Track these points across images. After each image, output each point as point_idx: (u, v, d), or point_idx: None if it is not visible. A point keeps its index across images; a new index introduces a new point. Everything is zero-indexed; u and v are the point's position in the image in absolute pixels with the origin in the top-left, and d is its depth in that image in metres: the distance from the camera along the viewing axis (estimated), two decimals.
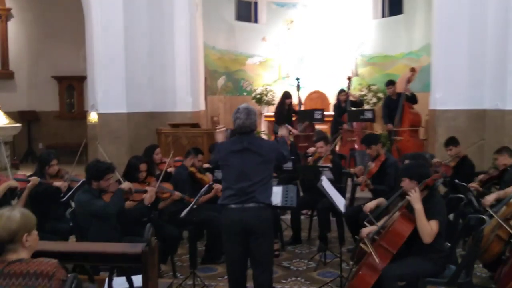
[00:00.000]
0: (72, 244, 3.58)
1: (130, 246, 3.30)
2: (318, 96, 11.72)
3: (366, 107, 10.40)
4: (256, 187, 3.54)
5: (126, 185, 4.38)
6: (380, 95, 11.25)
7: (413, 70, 8.38)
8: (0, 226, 2.38)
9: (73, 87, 11.00)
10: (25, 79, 11.07)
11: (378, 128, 10.04)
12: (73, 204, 4.64)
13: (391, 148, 8.03)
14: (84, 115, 10.44)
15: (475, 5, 7.29)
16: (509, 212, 4.31)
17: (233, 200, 3.56)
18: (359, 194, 6.19)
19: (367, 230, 3.92)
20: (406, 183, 3.70)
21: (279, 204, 4.28)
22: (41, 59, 10.86)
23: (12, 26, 10.96)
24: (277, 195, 4.38)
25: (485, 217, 3.73)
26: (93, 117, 7.92)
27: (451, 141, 5.85)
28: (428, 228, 3.47)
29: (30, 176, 4.85)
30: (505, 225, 3.97)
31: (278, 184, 5.35)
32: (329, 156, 5.85)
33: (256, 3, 12.31)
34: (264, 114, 11.03)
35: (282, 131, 4.48)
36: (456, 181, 4.98)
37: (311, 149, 6.19)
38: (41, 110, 11.00)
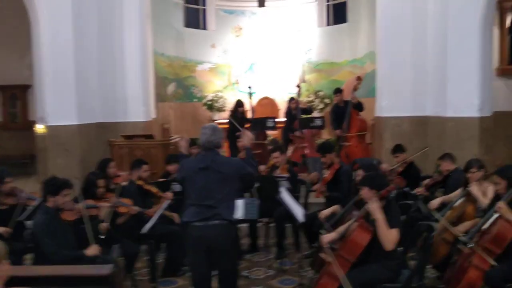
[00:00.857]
0: (39, 268, 3.53)
1: (97, 268, 3.32)
2: (268, 102, 11.97)
3: (314, 113, 10.72)
4: (220, 204, 3.62)
5: (92, 250, 4.15)
6: (327, 101, 11.63)
7: (359, 78, 8.71)
8: None
9: (16, 96, 10.57)
10: None
11: (326, 134, 10.36)
12: (28, 224, 4.53)
13: (340, 154, 8.32)
14: (28, 125, 10.09)
15: (416, 16, 7.70)
16: (454, 216, 4.65)
17: (197, 217, 3.62)
18: (312, 199, 6.38)
19: (328, 238, 4.07)
20: (365, 191, 3.90)
21: (241, 218, 4.37)
22: None
23: None
24: (238, 208, 4.47)
25: (433, 223, 3.99)
26: (39, 127, 7.68)
27: (398, 149, 6.17)
28: (390, 237, 3.66)
29: None
30: (451, 229, 4.27)
31: None
32: (285, 165, 6.01)
33: (204, 10, 12.39)
34: (217, 121, 11.09)
35: (244, 140, 4.44)
36: (406, 189, 5.27)
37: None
38: None
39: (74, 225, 4.34)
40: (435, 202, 5.04)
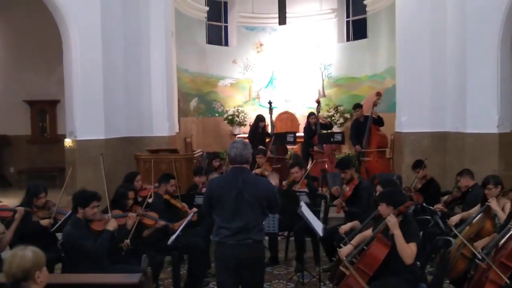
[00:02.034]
0: (71, 276, 3.72)
1: (127, 277, 3.49)
2: (288, 117, 12.14)
3: (334, 127, 10.84)
4: (251, 227, 3.63)
5: (111, 225, 4.43)
6: (347, 115, 11.74)
7: (378, 94, 8.81)
8: (14, 265, 2.54)
9: (45, 111, 10.97)
10: None
11: (346, 149, 10.44)
12: (59, 236, 4.75)
13: (360, 169, 8.40)
14: (56, 139, 10.45)
15: (435, 32, 7.82)
16: (472, 231, 4.71)
17: (229, 239, 3.65)
18: (332, 214, 6.47)
19: (346, 251, 4.20)
20: (383, 207, 3.99)
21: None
22: (12, 83, 10.78)
23: None
24: None
25: (451, 238, 4.07)
26: (67, 141, 7.96)
27: (418, 164, 6.25)
28: (409, 251, 3.72)
29: (17, 206, 4.92)
30: (469, 245, 4.34)
31: None
32: (304, 180, 6.13)
33: (226, 27, 12.70)
34: (237, 136, 11.30)
35: (274, 179, 4.32)
36: (424, 204, 5.35)
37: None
38: (12, 134, 10.87)
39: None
40: (454, 219, 5.08)
